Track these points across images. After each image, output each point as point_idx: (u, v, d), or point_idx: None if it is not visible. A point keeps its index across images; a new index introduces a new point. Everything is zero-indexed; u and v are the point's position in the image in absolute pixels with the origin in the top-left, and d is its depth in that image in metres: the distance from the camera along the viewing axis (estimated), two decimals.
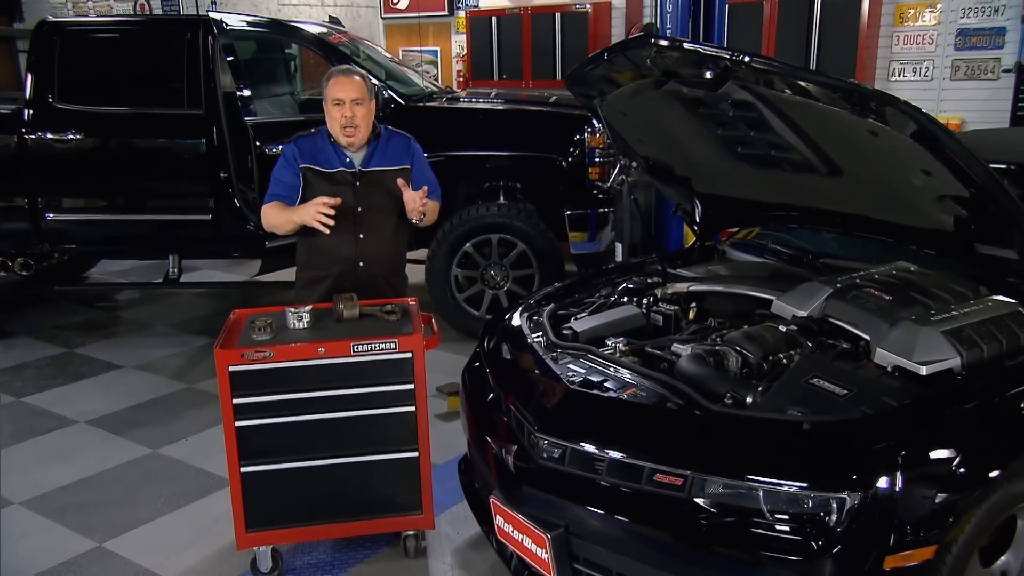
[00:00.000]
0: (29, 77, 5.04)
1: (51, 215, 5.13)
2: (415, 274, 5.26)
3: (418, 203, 3.03)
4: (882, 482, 1.91)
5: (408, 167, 3.22)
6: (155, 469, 3.73)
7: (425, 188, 3.06)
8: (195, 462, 3.76)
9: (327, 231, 2.98)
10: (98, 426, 4.19)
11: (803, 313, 2.60)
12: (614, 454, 2.13)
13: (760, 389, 2.28)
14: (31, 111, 5.02)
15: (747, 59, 2.16)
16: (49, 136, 5.02)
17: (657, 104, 2.73)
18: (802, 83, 2.19)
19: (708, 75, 2.35)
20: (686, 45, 2.32)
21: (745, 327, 2.64)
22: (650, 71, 2.54)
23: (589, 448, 2.17)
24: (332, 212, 2.96)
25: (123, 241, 5.32)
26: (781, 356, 2.46)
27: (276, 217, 3.11)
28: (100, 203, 5.21)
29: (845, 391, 2.19)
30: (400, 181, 3.07)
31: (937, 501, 1.92)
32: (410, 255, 5.60)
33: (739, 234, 3.65)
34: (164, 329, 5.71)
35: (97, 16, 9.41)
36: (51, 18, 5.34)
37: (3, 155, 5.06)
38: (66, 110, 5.02)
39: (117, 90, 5.11)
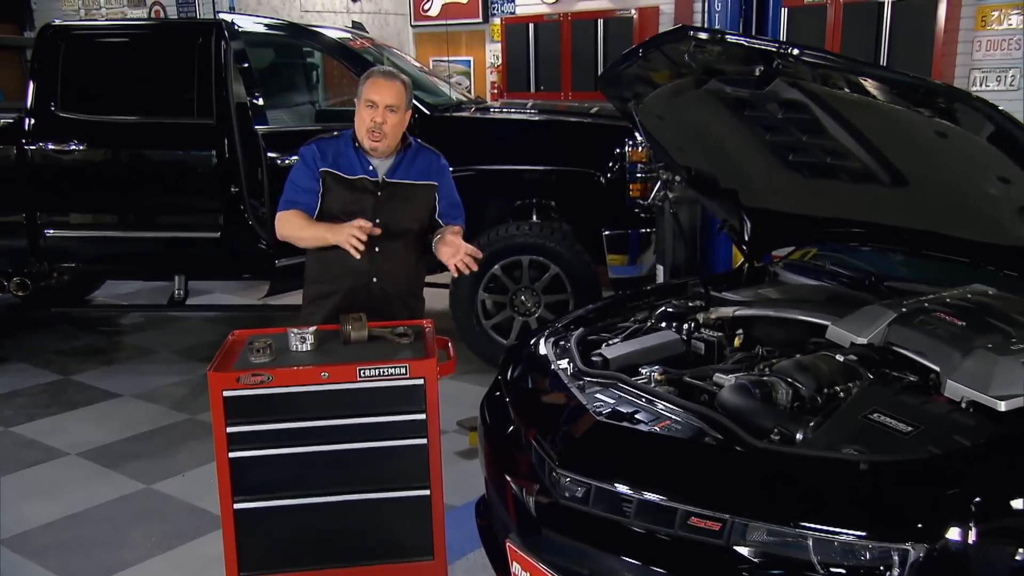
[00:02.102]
0: (31, 84, 5.17)
1: (50, 231, 5.23)
2: (439, 300, 5.29)
3: (462, 254, 2.99)
4: (953, 533, 1.82)
5: (434, 184, 3.22)
6: (147, 506, 3.73)
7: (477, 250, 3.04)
8: (191, 499, 3.75)
9: (358, 255, 2.96)
10: (90, 459, 4.22)
11: (863, 340, 2.53)
12: (643, 494, 2.06)
13: (812, 424, 2.21)
14: (32, 120, 5.14)
15: (796, 52, 2.11)
16: (50, 147, 5.14)
17: (698, 106, 2.69)
18: (859, 78, 2.13)
19: (753, 71, 2.30)
20: (728, 37, 2.29)
21: (797, 356, 2.58)
22: (690, 68, 2.51)
23: (615, 487, 2.11)
24: (365, 237, 2.93)
25: (125, 260, 5.41)
26: (837, 389, 2.39)
27: (300, 229, 3.10)
28: (102, 219, 5.31)
29: (910, 428, 2.11)
30: (451, 235, 3.04)
31: (1019, 559, 1.82)
32: (433, 279, 5.68)
33: (794, 255, 3.58)
34: (168, 356, 5.77)
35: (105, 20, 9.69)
36: (57, 22, 5.48)
37: (1, 168, 5.18)
38: (69, 119, 5.14)
39: (123, 98, 5.22)
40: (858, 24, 7.24)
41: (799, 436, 2.17)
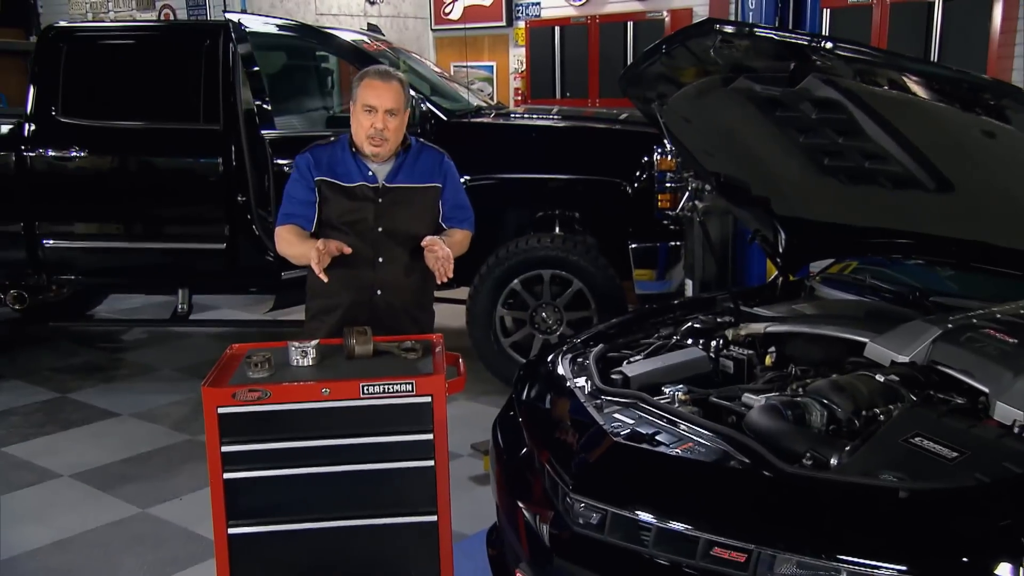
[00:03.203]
0: (31, 89, 5.24)
1: (49, 242, 5.29)
2: (457, 317, 5.28)
3: (441, 258, 2.99)
4: (1003, 570, 1.76)
5: (439, 185, 3.21)
6: (142, 531, 3.74)
7: (450, 254, 3.02)
8: (187, 524, 3.75)
9: (324, 278, 2.96)
10: (84, 481, 4.24)
11: (904, 358, 2.48)
12: (663, 522, 2.02)
13: (848, 449, 2.16)
14: (32, 126, 5.21)
15: (829, 45, 2.08)
16: (51, 153, 5.21)
17: (726, 106, 2.67)
18: (898, 73, 2.09)
19: (784, 68, 2.27)
20: (757, 31, 2.26)
21: (834, 376, 2.53)
22: (716, 65, 2.49)
23: (633, 514, 2.07)
24: (320, 260, 2.94)
25: (127, 272, 5.46)
26: (877, 411, 2.34)
27: (290, 246, 3.12)
28: (102, 229, 5.37)
29: (956, 454, 2.05)
30: (429, 240, 3.04)
31: None
32: (450, 294, 5.67)
33: (832, 268, 3.53)
34: (170, 373, 5.80)
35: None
36: (60, 23, 5.57)
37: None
38: (70, 124, 5.21)
39: (126, 103, 5.30)
40: (906, 25, 7.18)
41: (833, 461, 2.12)
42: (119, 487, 4.14)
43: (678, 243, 4.85)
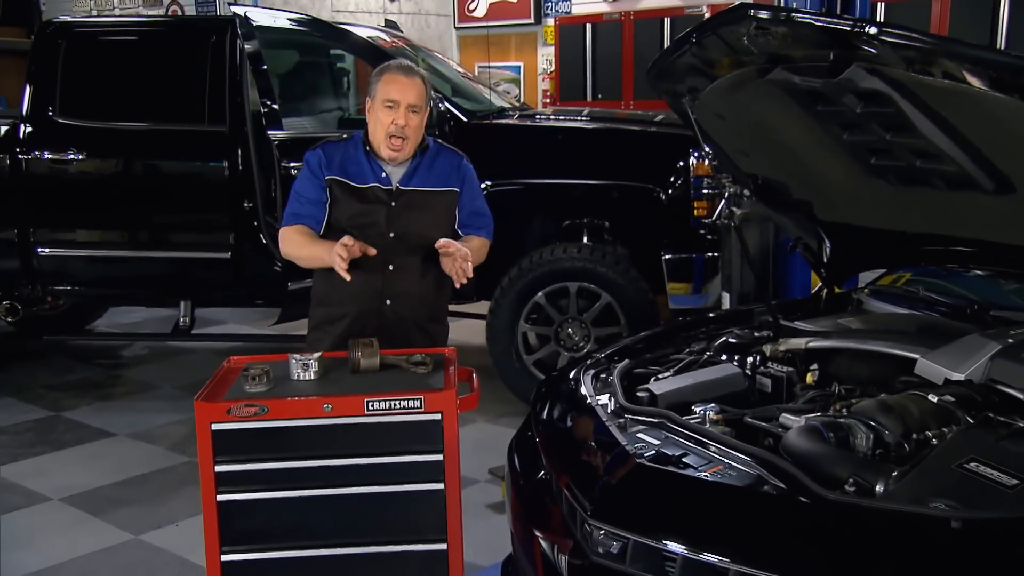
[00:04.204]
0: (28, 88, 5.32)
1: (44, 250, 5.34)
2: (475, 333, 5.27)
3: (459, 259, 2.98)
4: None
5: (456, 190, 3.21)
6: (133, 559, 3.74)
7: (469, 252, 3.01)
8: (182, 551, 3.75)
9: (348, 276, 2.95)
10: (74, 504, 4.25)
11: (959, 376, 2.44)
12: (688, 551, 1.99)
13: (895, 475, 2.12)
14: (28, 127, 5.28)
15: (873, 30, 2.05)
16: (47, 156, 5.28)
17: (763, 101, 2.64)
18: (950, 61, 2.05)
19: (825, 57, 2.24)
20: (794, 16, 2.24)
21: (882, 396, 2.50)
22: (751, 55, 2.47)
23: (656, 542, 2.04)
24: (346, 255, 2.93)
25: (125, 283, 5.52)
26: (929, 434, 2.30)
27: (299, 248, 3.12)
28: (99, 236, 5.44)
29: (1016, 481, 2.01)
30: (444, 241, 3.03)
31: None
32: (469, 308, 5.66)
33: (883, 280, 3.48)
34: (170, 391, 5.84)
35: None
36: (63, 17, 5.64)
37: None
38: (68, 125, 5.29)
39: (127, 103, 5.36)
40: (969, 18, 7.11)
41: (879, 488, 2.08)
42: (111, 512, 4.15)
43: (715, 254, 4.82)
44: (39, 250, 5.34)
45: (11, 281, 5.51)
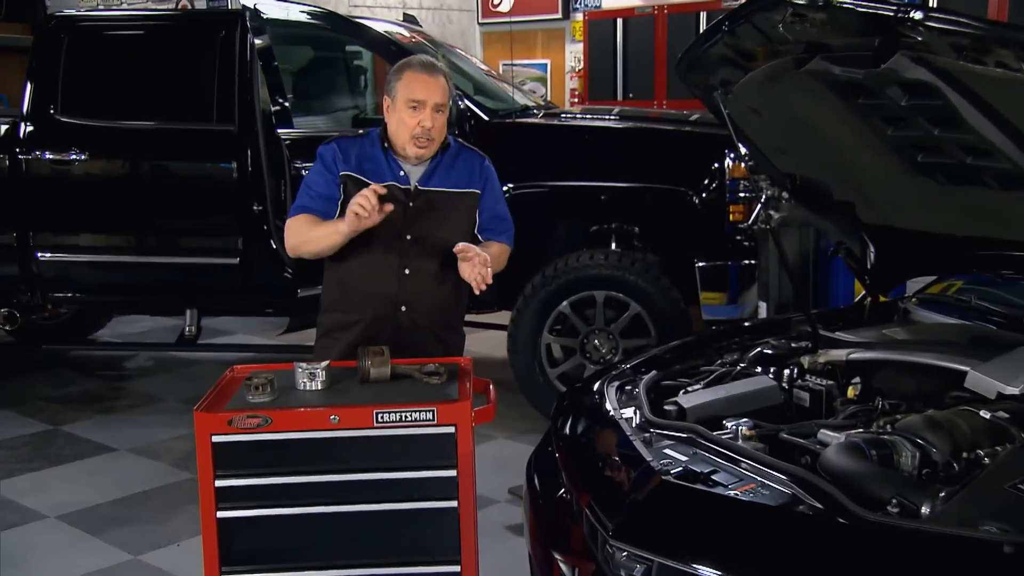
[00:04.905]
0: (28, 85, 5.37)
1: (44, 255, 5.38)
2: (495, 345, 5.25)
3: (478, 267, 2.97)
4: None
5: (477, 192, 3.21)
6: None
7: (488, 258, 3.00)
8: (183, 573, 3.77)
9: (360, 219, 2.90)
10: (71, 523, 4.27)
11: (1014, 390, 2.41)
12: (717, 574, 1.96)
13: (943, 495, 2.09)
14: (28, 126, 5.33)
15: (919, 15, 2.02)
16: (48, 156, 5.31)
17: (800, 93, 2.62)
18: (1005, 49, 2.02)
19: (867, 45, 2.21)
20: (833, 1, 2.21)
21: (929, 411, 2.47)
22: (788, 44, 2.44)
23: (682, 564, 2.01)
24: (374, 202, 2.89)
25: (127, 290, 5.55)
26: (981, 452, 2.28)
27: (306, 232, 3.10)
28: (102, 241, 5.47)
29: None
30: (463, 245, 3.02)
31: None
32: (490, 318, 5.65)
33: (932, 287, 3.45)
34: (175, 405, 5.87)
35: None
36: (65, 12, 5.70)
37: None
38: (70, 124, 5.33)
39: (132, 100, 5.40)
40: None
41: (925, 509, 2.06)
42: (110, 530, 4.16)
43: (752, 261, 4.80)
44: (39, 255, 5.38)
45: (10, 288, 5.54)
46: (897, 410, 2.62)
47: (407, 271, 3.13)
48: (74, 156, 5.30)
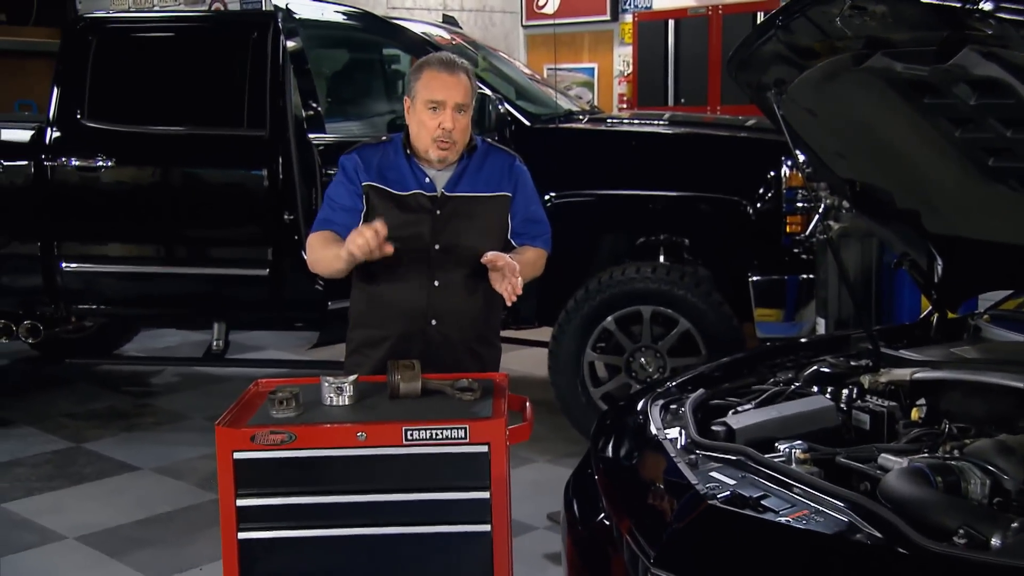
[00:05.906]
0: (55, 89, 5.46)
1: (70, 265, 5.45)
2: (536, 363, 5.23)
3: (508, 274, 2.95)
4: None
5: (508, 195, 3.20)
6: None
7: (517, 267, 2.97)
8: None
9: (389, 249, 2.91)
10: (91, 544, 4.31)
11: None
12: None
13: (1015, 526, 2.03)
14: (54, 131, 5.41)
15: (989, 6, 1.98)
16: (74, 163, 5.38)
17: (860, 93, 2.58)
18: None
19: (932, 39, 2.17)
20: None
21: (1002, 436, 2.42)
22: (846, 40, 2.41)
23: None
24: (373, 242, 2.88)
25: (153, 302, 5.61)
26: None
27: (317, 250, 3.13)
28: (127, 251, 5.55)
29: None
30: (492, 255, 3.00)
31: None
32: (530, 335, 5.64)
33: (1008, 303, 3.38)
34: (201, 422, 5.92)
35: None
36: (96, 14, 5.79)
37: (14, 188, 5.46)
38: (97, 130, 5.41)
39: (161, 105, 5.47)
40: None
41: (995, 541, 1.99)
42: (130, 553, 4.20)
43: (810, 276, 4.75)
44: (63, 265, 5.45)
45: (33, 299, 5.62)
46: (966, 434, 2.57)
47: (436, 283, 3.13)
48: (100, 163, 5.36)
